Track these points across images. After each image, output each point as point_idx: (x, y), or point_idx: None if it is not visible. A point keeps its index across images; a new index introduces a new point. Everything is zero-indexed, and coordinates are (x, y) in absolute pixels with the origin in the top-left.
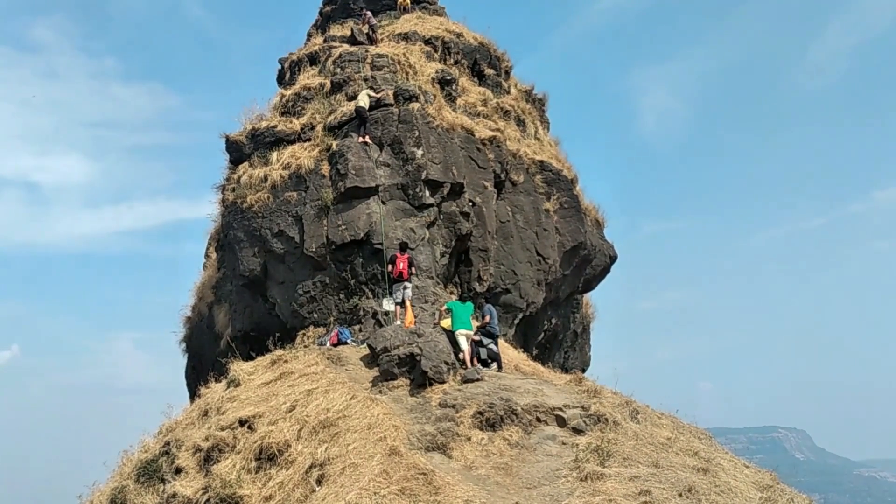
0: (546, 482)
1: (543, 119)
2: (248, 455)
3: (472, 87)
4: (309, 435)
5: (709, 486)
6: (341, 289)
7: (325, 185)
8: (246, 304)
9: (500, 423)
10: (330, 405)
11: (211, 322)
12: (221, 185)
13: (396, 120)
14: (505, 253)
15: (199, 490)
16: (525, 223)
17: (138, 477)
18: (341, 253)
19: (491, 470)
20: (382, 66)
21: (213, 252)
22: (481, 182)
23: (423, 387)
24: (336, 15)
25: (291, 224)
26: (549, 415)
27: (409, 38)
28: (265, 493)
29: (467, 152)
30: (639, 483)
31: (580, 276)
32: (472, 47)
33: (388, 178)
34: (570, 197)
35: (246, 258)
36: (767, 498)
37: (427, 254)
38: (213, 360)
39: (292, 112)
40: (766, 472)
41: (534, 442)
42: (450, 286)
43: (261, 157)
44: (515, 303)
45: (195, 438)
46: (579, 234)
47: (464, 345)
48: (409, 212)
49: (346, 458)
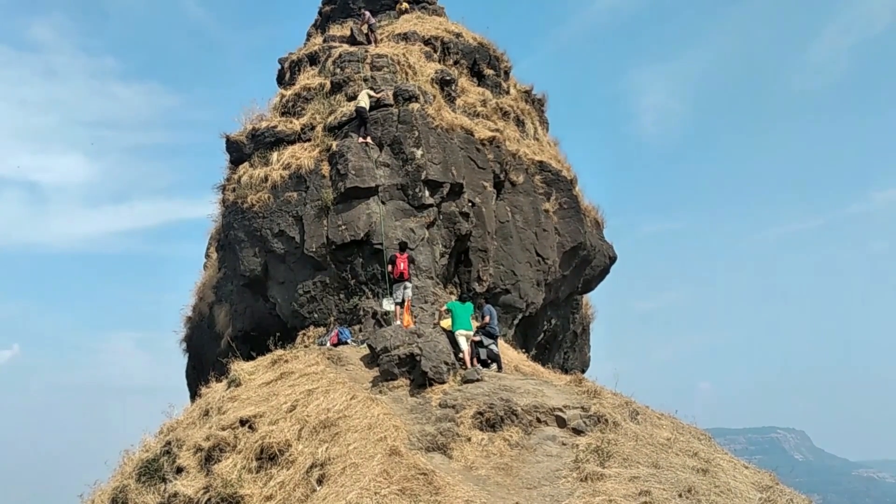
0: (546, 482)
1: (543, 119)
2: (249, 455)
3: (471, 87)
4: (309, 435)
5: (708, 487)
6: (341, 289)
7: (325, 186)
8: (246, 304)
9: (501, 424)
10: (330, 405)
11: (211, 322)
12: (222, 185)
13: (396, 120)
14: (504, 253)
15: (201, 489)
16: (524, 223)
17: (139, 476)
18: (341, 253)
19: (491, 470)
20: (382, 67)
21: (213, 252)
22: (481, 182)
23: (424, 387)
24: (335, 15)
25: (292, 224)
26: (550, 415)
27: (408, 39)
28: (266, 492)
29: (467, 153)
30: (639, 483)
31: (580, 277)
32: (472, 48)
33: (388, 178)
34: (569, 197)
35: (246, 258)
36: (767, 498)
37: (427, 254)
38: (214, 359)
39: (292, 112)
40: (766, 472)
41: (534, 442)
42: (449, 286)
43: (261, 158)
44: (515, 303)
45: (196, 438)
46: (579, 234)
47: (463, 345)
48: (408, 212)
49: (346, 457)
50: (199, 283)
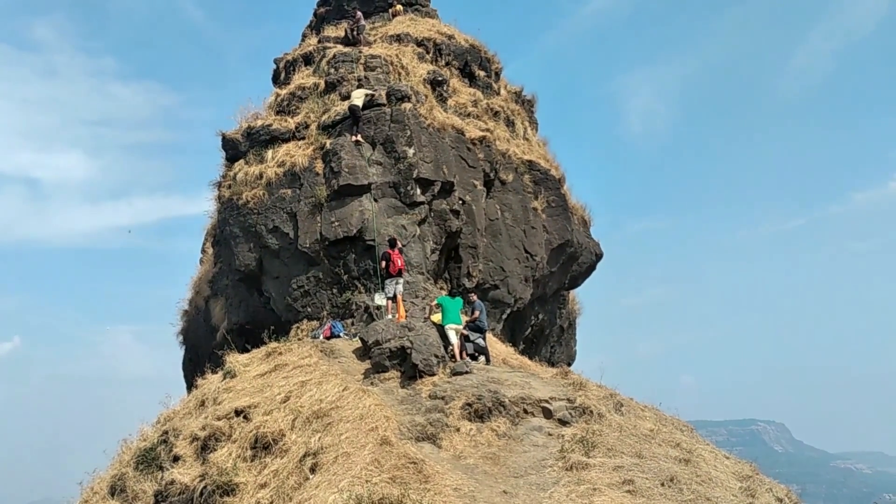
0: (532, 471)
1: (532, 120)
2: (244, 444)
3: (462, 88)
4: (303, 425)
5: (690, 476)
6: (334, 284)
7: (318, 183)
8: (241, 298)
9: (489, 415)
10: (323, 396)
11: (207, 315)
12: (218, 181)
13: (389, 119)
14: (494, 250)
15: (197, 477)
16: (513, 221)
17: (137, 464)
18: (334, 249)
19: (479, 459)
20: (375, 67)
21: (209, 247)
22: (471, 181)
23: (414, 379)
24: (330, 16)
25: (286, 220)
26: (536, 407)
27: (401, 40)
28: (260, 480)
29: (458, 152)
30: (622, 473)
31: (567, 273)
32: (463, 49)
33: (381, 176)
34: (557, 196)
35: (241, 253)
36: (747, 488)
37: (418, 250)
38: (210, 352)
39: (287, 111)
40: (746, 463)
41: (521, 433)
42: (440, 282)
43: (256, 155)
44: (503, 298)
45: (192, 428)
46: (566, 232)
47: (453, 339)
48: (400, 209)
49: (338, 447)
50: (196, 278)
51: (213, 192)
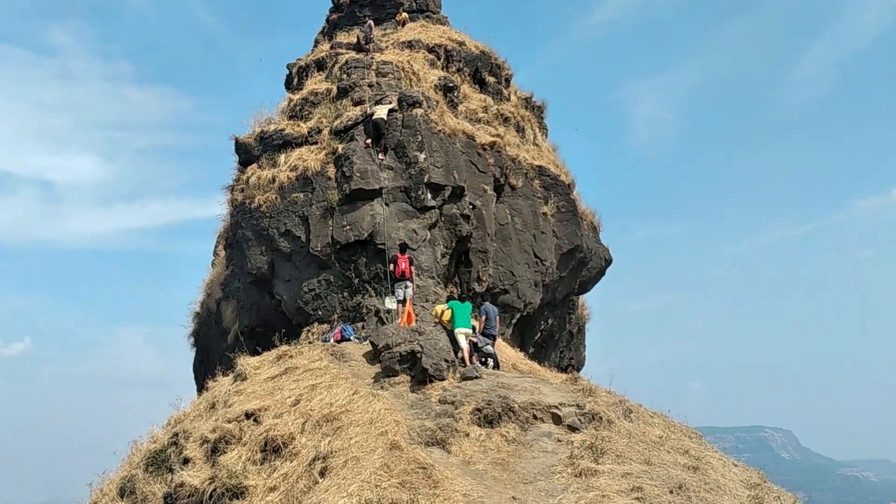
0: (542, 478)
1: (542, 126)
2: (254, 447)
3: (473, 94)
4: (313, 428)
5: (699, 484)
6: (345, 287)
7: (330, 187)
8: (253, 301)
9: (498, 420)
10: (333, 400)
11: (219, 317)
12: (231, 185)
13: (400, 125)
14: (503, 254)
15: (206, 480)
16: (523, 226)
17: (147, 466)
18: (345, 252)
19: (488, 465)
20: (387, 73)
21: (221, 250)
22: (481, 186)
23: (424, 383)
24: (342, 23)
25: (298, 224)
26: (546, 412)
27: (413, 46)
28: (270, 483)
29: (468, 157)
30: (631, 480)
31: (576, 278)
32: (474, 56)
33: (392, 180)
34: (566, 201)
35: (253, 256)
36: (755, 496)
37: (428, 254)
38: (221, 354)
39: (300, 116)
40: (754, 470)
41: (530, 438)
42: (450, 286)
43: (269, 159)
44: (513, 303)
45: (203, 430)
46: (576, 237)
47: (463, 343)
48: (411, 213)
49: (348, 451)
50: (207, 280)
51: (226, 195)
